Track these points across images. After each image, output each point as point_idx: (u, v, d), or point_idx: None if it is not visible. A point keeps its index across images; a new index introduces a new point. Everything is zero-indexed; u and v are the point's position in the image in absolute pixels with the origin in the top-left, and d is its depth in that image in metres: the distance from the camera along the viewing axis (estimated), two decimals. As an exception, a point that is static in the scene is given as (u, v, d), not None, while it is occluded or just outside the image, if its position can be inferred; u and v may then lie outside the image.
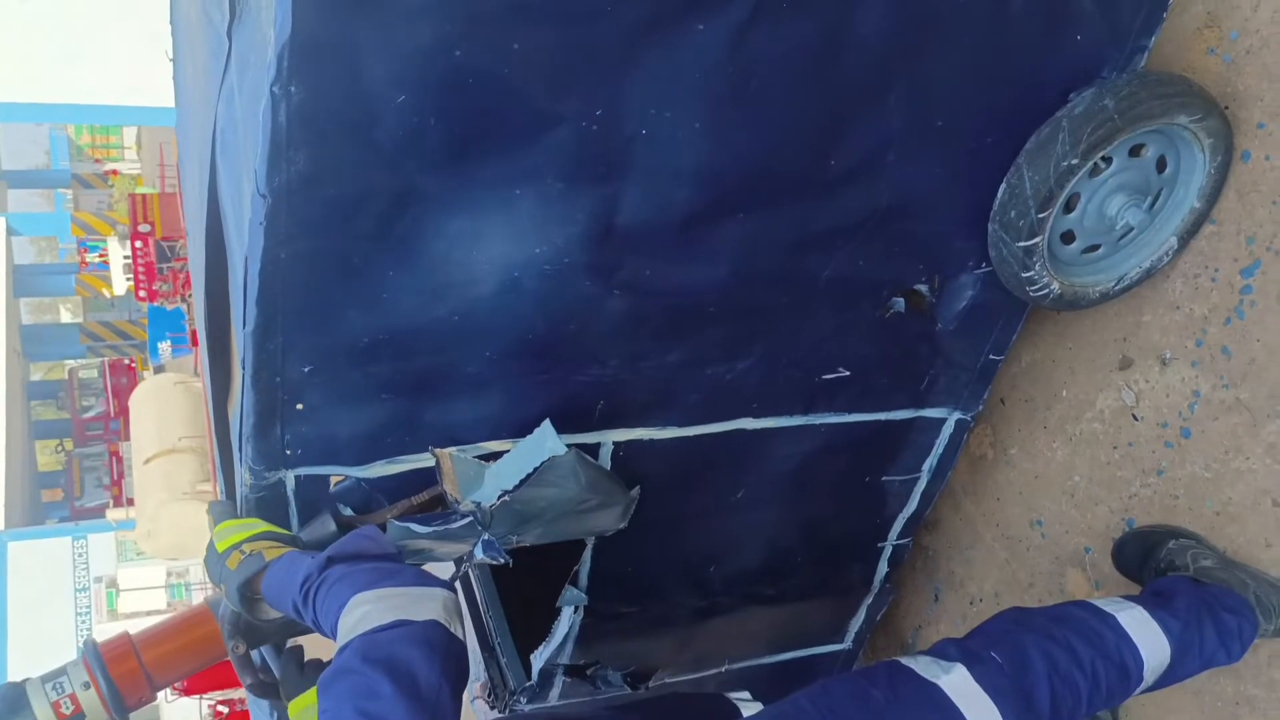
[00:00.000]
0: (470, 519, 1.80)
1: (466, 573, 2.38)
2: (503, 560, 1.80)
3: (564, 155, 1.62)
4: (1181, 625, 1.88)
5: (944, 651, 1.79)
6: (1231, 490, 2.06)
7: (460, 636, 1.38)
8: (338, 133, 1.48)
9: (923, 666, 1.74)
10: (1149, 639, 1.84)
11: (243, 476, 1.83)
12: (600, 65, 1.55)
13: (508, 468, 1.86)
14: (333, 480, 1.86)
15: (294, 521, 1.89)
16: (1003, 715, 1.66)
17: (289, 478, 1.83)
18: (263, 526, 1.74)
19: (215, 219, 1.92)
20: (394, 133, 1.51)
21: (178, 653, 1.71)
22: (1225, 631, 1.91)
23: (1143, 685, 1.85)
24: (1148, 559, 2.13)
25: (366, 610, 1.34)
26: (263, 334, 1.64)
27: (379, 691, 1.23)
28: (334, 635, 1.37)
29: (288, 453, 1.80)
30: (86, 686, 1.58)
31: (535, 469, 1.83)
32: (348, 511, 1.87)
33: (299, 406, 1.75)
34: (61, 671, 1.61)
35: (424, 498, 1.92)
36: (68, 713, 1.57)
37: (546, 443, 1.85)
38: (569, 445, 1.86)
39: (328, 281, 1.63)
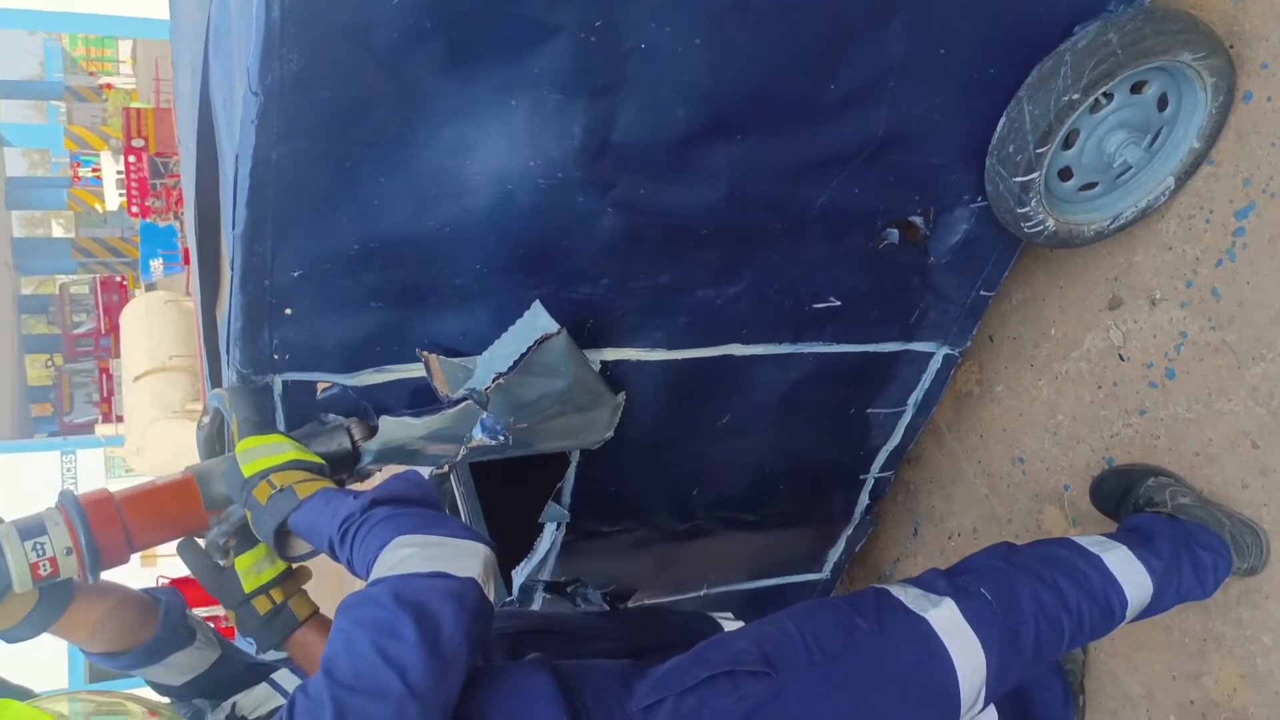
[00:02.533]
0: (467, 402, 1.79)
1: (451, 486, 2.41)
2: (502, 438, 1.79)
3: (561, 66, 1.60)
4: (1164, 564, 1.91)
5: (933, 584, 1.80)
6: (1212, 431, 2.07)
7: (492, 599, 1.38)
8: (332, 32, 1.46)
9: (912, 599, 1.74)
10: (1133, 579, 1.87)
11: (230, 379, 1.84)
12: (601, -27, 1.53)
13: (501, 350, 1.86)
14: (319, 387, 1.87)
15: (281, 427, 1.89)
16: (985, 651, 1.67)
17: (276, 382, 1.83)
18: (290, 451, 1.68)
19: (207, 120, 1.91)
20: (389, 35, 1.49)
21: (159, 523, 1.67)
22: (1201, 567, 1.94)
23: (1124, 622, 1.88)
24: (1126, 496, 2.15)
25: (409, 553, 1.35)
26: (252, 236, 1.63)
27: (402, 634, 1.24)
28: (367, 574, 1.37)
29: (275, 357, 1.79)
30: (69, 552, 1.51)
31: (529, 349, 1.83)
32: (336, 417, 1.88)
33: (287, 311, 1.75)
34: (40, 528, 1.52)
35: None
36: (44, 574, 1.50)
37: (539, 320, 1.85)
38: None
39: (319, 185, 1.62)
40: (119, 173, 18.48)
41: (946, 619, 1.69)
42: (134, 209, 16.67)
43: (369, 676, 1.22)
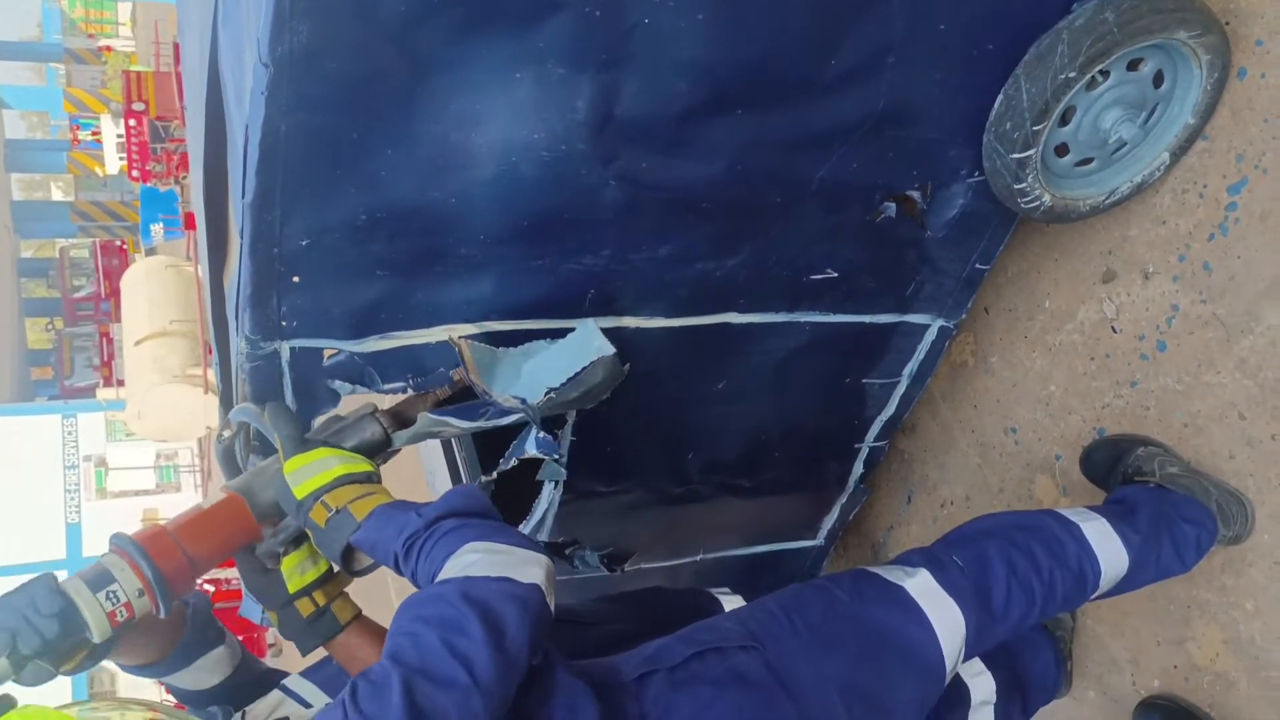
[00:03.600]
0: (521, 415, 1.82)
1: (450, 442, 2.45)
2: (557, 457, 1.83)
3: (566, 40, 1.62)
4: (1141, 539, 1.96)
5: (909, 559, 1.87)
6: (1201, 403, 2.12)
7: (552, 609, 1.42)
8: (341, 5, 1.48)
9: (888, 572, 1.82)
10: (1109, 551, 1.92)
11: (238, 345, 1.87)
12: (606, -51, 1.55)
13: (551, 364, 1.91)
14: (326, 354, 1.91)
15: (288, 393, 1.93)
16: (964, 613, 1.74)
17: (284, 348, 1.86)
18: (337, 467, 1.66)
19: (215, 90, 1.93)
20: (397, 8, 1.51)
21: (219, 544, 1.66)
22: (1182, 543, 1.99)
23: (1098, 592, 1.93)
24: (1115, 465, 2.20)
25: (475, 559, 1.38)
26: (261, 205, 1.67)
27: (469, 631, 1.28)
28: (431, 583, 1.40)
29: (283, 324, 1.83)
30: (141, 594, 1.50)
31: (583, 369, 1.88)
32: (349, 388, 1.91)
33: (295, 279, 1.78)
34: (107, 576, 1.49)
35: (447, 393, 1.96)
36: (121, 620, 1.49)
37: (593, 342, 1.90)
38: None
39: (327, 156, 1.65)
40: (119, 136, 18.42)
41: (922, 586, 1.76)
42: (134, 173, 16.64)
43: (436, 667, 1.25)
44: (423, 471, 3.09)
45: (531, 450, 1.89)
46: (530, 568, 1.40)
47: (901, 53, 1.83)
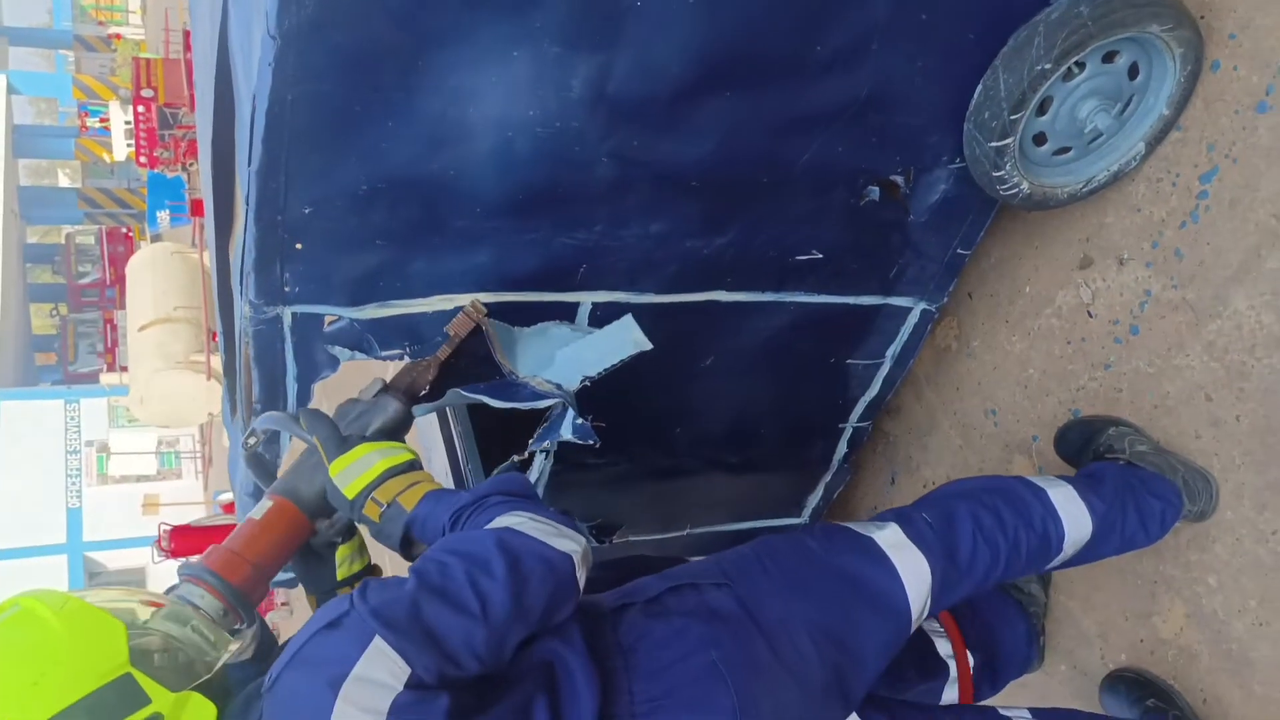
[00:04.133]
0: (560, 401, 1.91)
1: (445, 416, 2.52)
2: (592, 442, 1.89)
3: (561, 19, 1.69)
4: (1106, 507, 2.03)
5: (881, 516, 1.96)
6: (1170, 385, 2.19)
7: (581, 586, 1.49)
8: (347, -20, 1.56)
9: (859, 526, 1.91)
10: (1073, 514, 1.99)
11: (242, 309, 1.95)
12: (600, -67, 1.63)
13: (587, 354, 2.00)
14: (326, 320, 1.98)
15: (289, 358, 2.01)
16: (930, 563, 1.81)
17: (286, 314, 1.94)
18: (379, 462, 1.73)
19: (225, 64, 2.01)
20: (400, -15, 1.59)
21: (280, 549, 1.74)
22: (1147, 513, 2.06)
23: (1062, 556, 2.01)
24: (1088, 444, 2.27)
25: (520, 521, 1.48)
26: (267, 173, 1.74)
27: (494, 572, 1.36)
28: None
29: (286, 289, 1.91)
30: (225, 614, 1.58)
31: (620, 361, 1.99)
32: (348, 354, 1.99)
33: (298, 246, 1.86)
34: (186, 612, 1.50)
35: (447, 351, 2.04)
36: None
37: (632, 334, 2.00)
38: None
39: (330, 126, 1.72)
40: (127, 123, 18.49)
41: (890, 538, 1.84)
42: (142, 159, 16.72)
43: (454, 592, 1.33)
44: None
45: (568, 435, 1.95)
46: (568, 541, 1.49)
47: (885, 40, 1.91)
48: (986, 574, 1.90)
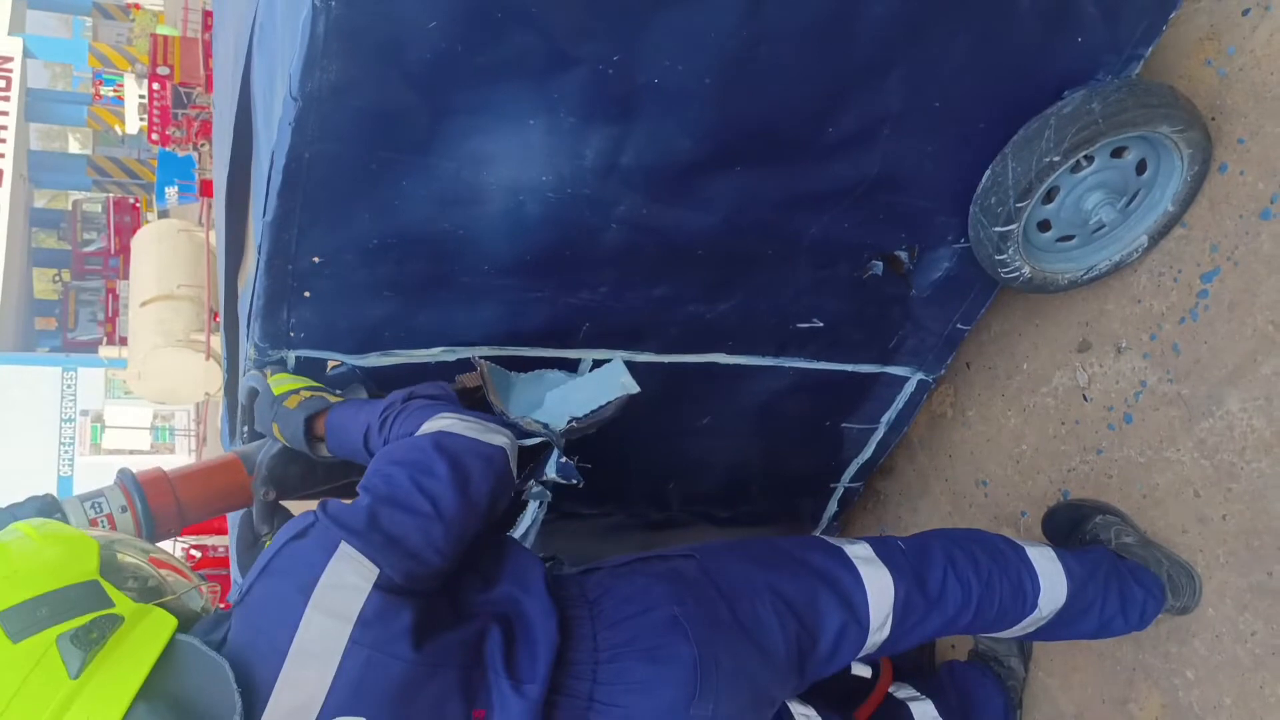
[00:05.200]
0: (544, 439, 1.94)
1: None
2: (575, 481, 1.94)
3: (579, 93, 1.72)
4: (1085, 573, 2.06)
5: (854, 538, 2.02)
6: (1160, 477, 2.21)
7: (515, 475, 1.60)
8: (370, 49, 1.58)
9: (832, 539, 1.99)
10: (1049, 573, 2.03)
11: (247, 351, 1.97)
12: (623, 14, 1.64)
13: (576, 395, 2.03)
14: (329, 364, 2.00)
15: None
16: (895, 581, 1.87)
17: (290, 357, 1.96)
18: (317, 384, 1.89)
19: (245, 107, 2.03)
20: (422, 55, 1.61)
21: (209, 496, 1.85)
22: (1128, 599, 2.08)
23: (1038, 614, 2.02)
24: (1075, 529, 2.29)
25: (450, 422, 1.57)
26: (280, 225, 1.76)
27: (437, 473, 1.46)
28: None
29: (291, 334, 1.93)
30: (124, 510, 1.70)
31: (608, 403, 2.00)
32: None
33: (306, 294, 1.88)
34: (98, 494, 1.71)
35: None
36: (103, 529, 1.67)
37: (621, 378, 2.03)
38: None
39: (345, 184, 1.74)
40: (141, 97, 18.48)
41: (860, 552, 1.91)
42: (154, 136, 16.70)
43: (404, 498, 1.44)
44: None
45: (552, 474, 1.98)
46: (497, 436, 1.60)
47: (896, 125, 1.93)
48: (958, 612, 1.93)
